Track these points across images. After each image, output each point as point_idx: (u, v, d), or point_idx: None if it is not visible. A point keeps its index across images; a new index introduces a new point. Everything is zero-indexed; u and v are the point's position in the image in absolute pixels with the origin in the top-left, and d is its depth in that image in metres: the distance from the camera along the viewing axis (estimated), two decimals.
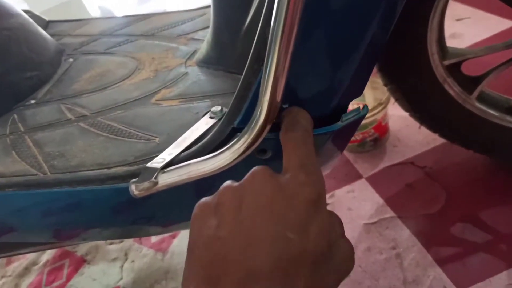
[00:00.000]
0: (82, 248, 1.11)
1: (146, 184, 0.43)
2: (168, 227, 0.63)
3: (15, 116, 0.67)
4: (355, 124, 0.46)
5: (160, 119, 0.55)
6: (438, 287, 0.69)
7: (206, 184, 0.48)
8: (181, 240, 1.01)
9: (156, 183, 0.43)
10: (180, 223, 0.61)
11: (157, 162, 0.45)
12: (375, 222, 0.83)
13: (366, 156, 0.99)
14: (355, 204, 0.89)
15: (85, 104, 0.63)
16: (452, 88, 0.71)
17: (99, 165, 0.49)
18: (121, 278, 0.97)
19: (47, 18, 0.95)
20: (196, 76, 0.63)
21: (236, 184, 0.33)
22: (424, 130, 0.78)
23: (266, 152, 0.45)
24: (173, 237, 1.02)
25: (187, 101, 0.57)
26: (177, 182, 0.42)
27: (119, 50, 0.78)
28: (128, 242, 1.07)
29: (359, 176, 0.95)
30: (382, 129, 0.98)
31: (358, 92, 0.45)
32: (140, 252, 1.02)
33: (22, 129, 0.62)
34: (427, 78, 0.70)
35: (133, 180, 0.44)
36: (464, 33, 1.26)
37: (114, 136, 0.54)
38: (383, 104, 0.93)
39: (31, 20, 0.78)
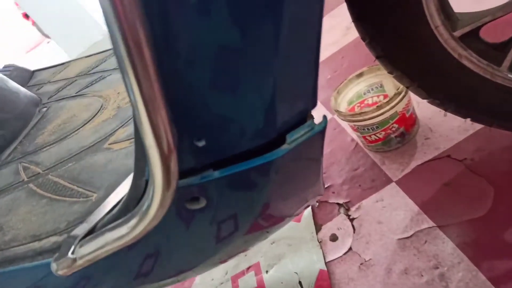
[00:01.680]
0: None
1: (64, 262, 0.35)
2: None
3: None
4: (317, 138, 0.35)
5: (105, 168, 0.47)
6: None
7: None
8: (203, 278, 0.93)
9: (75, 260, 0.35)
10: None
11: (81, 229, 0.37)
12: (410, 236, 0.69)
13: (394, 155, 0.85)
14: (386, 216, 0.75)
15: (41, 160, 0.57)
16: (473, 62, 0.57)
17: (31, 237, 0.42)
18: None
19: (32, 69, 0.93)
20: None
21: None
22: None
23: (199, 200, 0.35)
24: None
25: None
26: (96, 257, 0.34)
27: (89, 90, 0.72)
28: None
29: (388, 181, 0.81)
30: (407, 121, 0.83)
31: (308, 101, 0.34)
32: None
33: None
34: (438, 56, 0.57)
35: (55, 256, 0.36)
36: None
37: (56, 197, 0.47)
38: (402, 93, 0.79)
39: (2, 76, 0.75)
